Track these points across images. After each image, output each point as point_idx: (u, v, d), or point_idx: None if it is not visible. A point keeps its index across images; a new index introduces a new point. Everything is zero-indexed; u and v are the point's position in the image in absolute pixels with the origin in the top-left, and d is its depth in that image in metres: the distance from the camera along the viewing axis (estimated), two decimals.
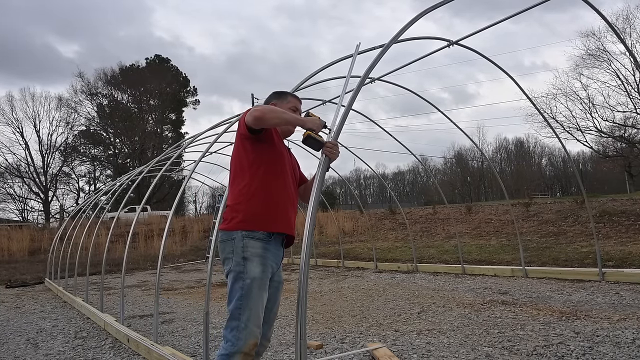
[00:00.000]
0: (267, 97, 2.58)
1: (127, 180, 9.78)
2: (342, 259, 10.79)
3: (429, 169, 48.95)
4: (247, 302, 2.06)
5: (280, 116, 2.17)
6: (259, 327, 2.09)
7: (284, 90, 2.62)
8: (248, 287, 2.07)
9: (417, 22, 2.88)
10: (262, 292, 2.10)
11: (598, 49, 19.38)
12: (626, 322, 4.06)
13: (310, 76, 4.06)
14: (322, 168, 2.15)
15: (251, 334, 2.05)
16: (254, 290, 2.07)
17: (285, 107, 2.41)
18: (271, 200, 2.21)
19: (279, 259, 2.27)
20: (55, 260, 11.07)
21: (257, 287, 2.09)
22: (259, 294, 2.09)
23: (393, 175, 68.81)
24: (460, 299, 5.70)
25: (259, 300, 2.09)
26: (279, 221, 2.21)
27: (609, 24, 5.05)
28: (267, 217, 2.18)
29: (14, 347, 4.93)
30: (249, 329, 2.05)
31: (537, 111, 8.62)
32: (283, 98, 2.50)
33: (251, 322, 2.05)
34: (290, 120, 2.23)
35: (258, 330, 2.09)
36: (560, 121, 20.99)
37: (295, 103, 2.51)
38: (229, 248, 2.14)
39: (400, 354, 3.67)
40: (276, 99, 2.49)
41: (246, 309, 2.05)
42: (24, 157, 35.04)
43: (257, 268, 2.10)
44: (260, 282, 2.10)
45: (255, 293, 2.08)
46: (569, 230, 11.14)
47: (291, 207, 2.32)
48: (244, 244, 2.12)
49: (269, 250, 2.17)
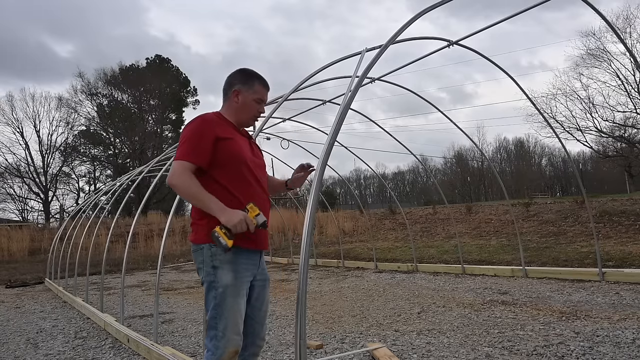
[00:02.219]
0: (231, 76, 2.27)
1: (127, 180, 9.78)
2: (342, 259, 10.79)
3: (429, 169, 48.98)
4: (222, 311, 2.01)
5: (195, 197, 1.96)
6: (237, 334, 2.04)
7: (253, 72, 2.29)
8: (221, 295, 2.01)
9: (415, 22, 2.88)
10: (237, 299, 2.04)
11: (598, 48, 19.37)
12: (626, 322, 4.06)
13: (310, 76, 4.07)
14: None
15: (230, 342, 2.01)
16: (227, 298, 2.01)
17: (250, 97, 2.22)
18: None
19: (255, 260, 2.17)
20: (55, 260, 11.07)
21: (231, 295, 2.02)
22: (234, 301, 2.03)
23: (393, 175, 68.96)
24: (460, 299, 5.70)
25: (234, 308, 2.03)
26: (245, 234, 2.04)
27: (609, 24, 5.05)
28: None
29: (14, 347, 4.94)
30: (227, 337, 2.01)
31: (537, 111, 8.62)
32: (249, 84, 2.23)
33: (229, 330, 2.01)
34: (207, 206, 1.96)
35: (238, 337, 2.04)
36: (560, 121, 20.97)
37: (262, 94, 2.27)
38: (199, 258, 2.08)
39: (400, 354, 3.67)
40: (241, 85, 2.23)
41: (222, 317, 2.01)
42: (24, 157, 35.06)
43: (228, 275, 2.03)
44: (234, 289, 2.03)
45: (230, 301, 2.02)
46: (569, 230, 11.14)
47: (263, 209, 2.13)
48: (212, 252, 2.04)
49: (240, 255, 2.07)
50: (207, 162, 2.05)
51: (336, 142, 2.65)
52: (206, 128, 2.07)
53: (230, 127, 2.19)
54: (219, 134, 2.08)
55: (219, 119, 2.18)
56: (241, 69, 2.29)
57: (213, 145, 2.05)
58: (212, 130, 2.07)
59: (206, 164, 2.05)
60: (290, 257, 12.59)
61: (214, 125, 2.10)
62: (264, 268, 2.27)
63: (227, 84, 2.26)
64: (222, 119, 2.20)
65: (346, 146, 9.02)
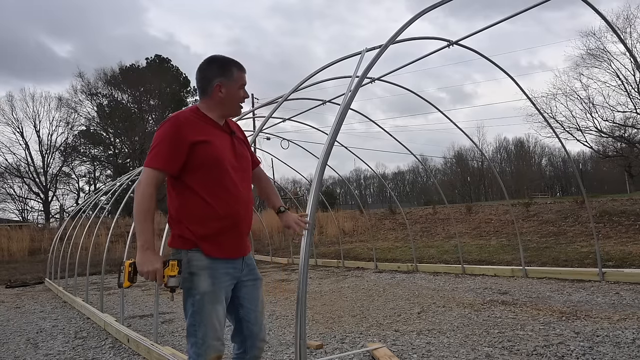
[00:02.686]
0: (204, 70, 2.11)
1: (127, 180, 9.78)
2: (342, 259, 10.79)
3: (429, 169, 48.98)
4: (200, 317, 1.97)
5: (137, 219, 1.91)
6: (217, 339, 2.00)
7: (227, 60, 2.13)
8: (199, 302, 1.96)
9: (413, 22, 2.89)
10: (215, 306, 1.98)
11: (598, 48, 19.38)
12: (626, 322, 4.06)
13: (310, 76, 4.07)
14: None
15: (211, 348, 1.98)
16: (205, 305, 1.96)
17: (233, 86, 2.11)
18: (212, 219, 1.99)
19: (237, 264, 2.09)
20: (55, 260, 11.07)
21: (209, 302, 1.97)
22: (212, 308, 1.97)
23: (393, 175, 68.94)
24: (460, 299, 5.70)
25: (212, 314, 1.97)
26: (220, 244, 2.01)
27: (609, 24, 5.05)
28: (210, 243, 2.00)
29: (14, 347, 4.94)
30: (207, 344, 1.97)
31: (537, 111, 8.62)
32: (229, 74, 2.11)
33: (208, 337, 1.97)
34: (138, 235, 1.92)
35: (218, 343, 2.00)
36: (560, 121, 20.97)
37: (242, 79, 2.15)
38: None
39: (400, 354, 3.67)
40: (220, 77, 2.09)
41: (200, 325, 1.97)
42: (24, 157, 35.02)
43: (205, 282, 1.97)
44: (212, 296, 1.97)
45: (208, 308, 1.97)
46: (569, 230, 11.14)
47: (243, 213, 2.08)
48: (189, 257, 1.98)
49: (218, 261, 2.01)
50: (177, 169, 1.97)
51: (336, 142, 2.65)
52: (178, 132, 1.96)
53: (208, 125, 2.07)
54: (192, 137, 1.97)
55: (194, 118, 2.05)
56: (212, 59, 2.13)
57: (186, 151, 1.96)
58: (184, 134, 1.96)
59: (176, 171, 1.98)
60: (290, 257, 12.59)
61: (188, 127, 1.99)
62: (252, 268, 2.19)
63: (203, 80, 2.11)
64: (198, 117, 2.07)
65: (346, 146, 9.02)
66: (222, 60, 2.13)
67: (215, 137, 2.05)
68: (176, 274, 1.89)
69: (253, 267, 2.20)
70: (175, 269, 1.89)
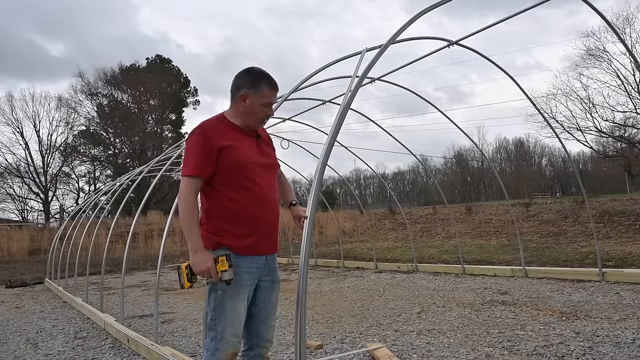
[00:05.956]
0: (238, 77, 2.19)
1: (127, 181, 9.78)
2: (342, 259, 10.78)
3: (429, 169, 48.97)
4: (221, 313, 2.05)
5: (184, 224, 2.02)
6: (235, 336, 2.07)
7: (261, 74, 2.19)
8: (220, 298, 2.05)
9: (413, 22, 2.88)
10: (236, 303, 2.07)
11: (598, 49, 19.40)
12: (626, 322, 4.06)
13: (310, 76, 4.07)
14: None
15: (229, 344, 2.04)
16: (227, 301, 2.05)
17: (257, 101, 2.15)
18: (237, 219, 2.09)
19: (260, 263, 2.17)
20: (55, 260, 11.07)
21: (230, 298, 2.05)
22: (233, 305, 2.06)
23: (393, 175, 68.94)
24: (460, 299, 5.70)
25: (233, 311, 2.06)
26: (244, 243, 2.10)
27: (609, 24, 5.05)
28: (234, 241, 2.09)
29: (14, 347, 4.94)
30: (226, 339, 2.04)
31: (537, 111, 8.62)
32: (257, 88, 2.16)
33: (227, 333, 2.04)
34: (187, 238, 2.03)
35: (236, 340, 2.07)
36: (560, 121, 21.01)
37: (271, 97, 2.20)
38: None
39: (400, 354, 3.67)
40: (248, 88, 2.15)
41: (220, 319, 2.05)
42: (24, 157, 35.07)
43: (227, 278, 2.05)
44: (233, 293, 2.06)
45: (229, 304, 2.05)
46: (569, 230, 11.15)
47: (268, 213, 2.17)
48: (215, 254, 2.06)
49: (242, 259, 2.09)
50: (210, 173, 2.08)
51: (336, 142, 2.65)
52: (205, 139, 2.08)
53: (233, 131, 2.16)
54: (219, 143, 2.07)
55: (219, 125, 2.16)
56: (249, 70, 2.21)
57: (215, 156, 2.07)
58: (212, 140, 2.07)
59: (209, 175, 2.09)
60: (290, 257, 12.59)
61: (213, 133, 2.10)
62: (273, 270, 2.26)
63: (234, 86, 2.20)
64: (224, 124, 2.17)
65: (346, 146, 9.01)
66: (256, 73, 2.20)
67: (240, 142, 2.15)
68: (227, 268, 2.00)
69: (274, 268, 2.28)
70: (225, 264, 2.00)
